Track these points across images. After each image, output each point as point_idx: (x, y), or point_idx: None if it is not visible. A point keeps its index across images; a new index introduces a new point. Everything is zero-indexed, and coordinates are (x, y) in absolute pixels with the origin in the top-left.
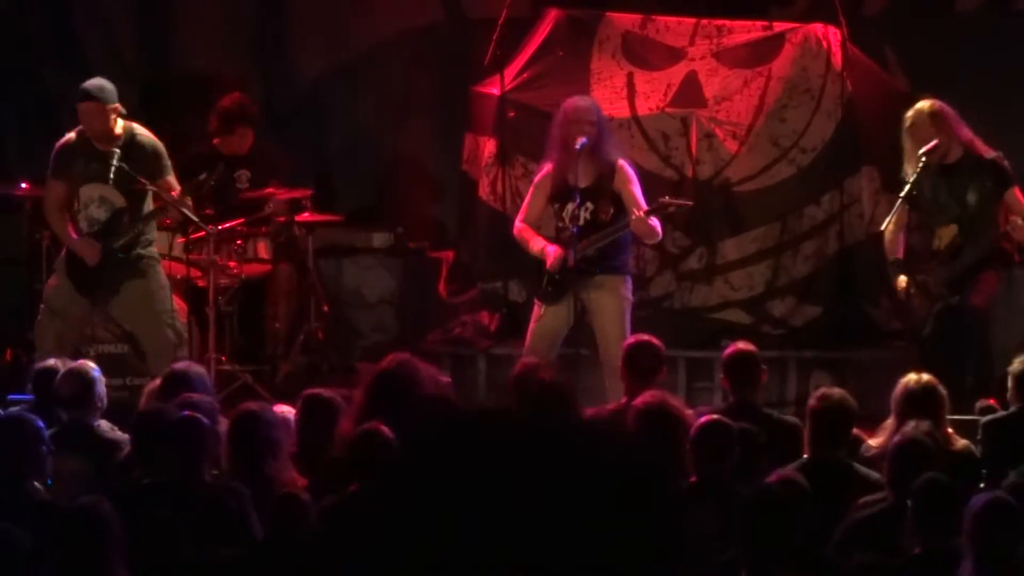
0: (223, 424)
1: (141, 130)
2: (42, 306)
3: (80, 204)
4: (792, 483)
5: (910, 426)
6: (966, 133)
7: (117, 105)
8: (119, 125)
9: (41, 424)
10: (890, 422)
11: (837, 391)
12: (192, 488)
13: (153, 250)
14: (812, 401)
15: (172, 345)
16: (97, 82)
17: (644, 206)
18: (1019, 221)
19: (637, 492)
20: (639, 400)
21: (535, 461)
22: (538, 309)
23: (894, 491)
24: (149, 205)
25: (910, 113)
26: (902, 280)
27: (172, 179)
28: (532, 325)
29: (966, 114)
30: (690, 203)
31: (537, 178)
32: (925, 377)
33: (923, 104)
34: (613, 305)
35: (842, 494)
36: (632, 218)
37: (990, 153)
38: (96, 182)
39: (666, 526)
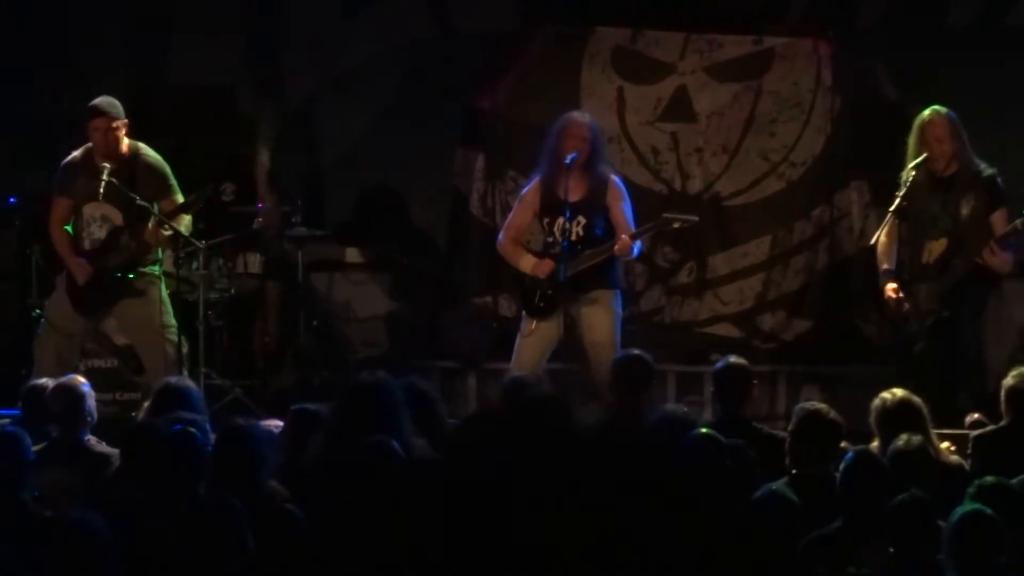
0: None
1: (146, 149)
2: (43, 320)
3: (84, 223)
4: (781, 497)
5: (902, 440)
6: (968, 148)
7: (126, 121)
8: (124, 143)
9: (24, 434)
10: (876, 444)
11: (818, 404)
12: (186, 502)
13: (155, 267)
14: (794, 417)
15: (171, 361)
16: (106, 99)
17: (632, 226)
18: (995, 248)
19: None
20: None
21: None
22: (528, 324)
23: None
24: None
25: (927, 112)
26: (891, 287)
27: (178, 197)
28: (521, 340)
29: None
30: (695, 219)
31: (524, 191)
32: (899, 392)
33: (941, 107)
34: (605, 320)
35: (830, 508)
36: (616, 244)
37: (988, 170)
38: (98, 201)
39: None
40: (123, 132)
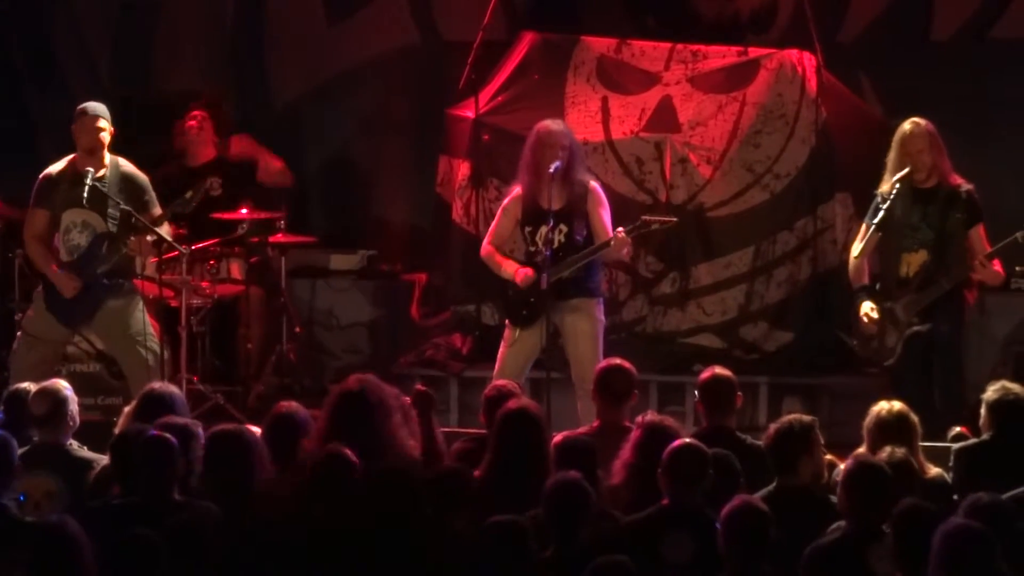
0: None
1: (126, 163)
2: (19, 334)
3: (61, 230)
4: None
5: (885, 453)
6: (947, 161)
7: (110, 127)
8: (107, 156)
9: (12, 439)
10: (862, 450)
11: (787, 418)
12: (162, 508)
13: (134, 275)
14: (767, 432)
15: (148, 366)
16: (93, 103)
17: (611, 230)
18: (984, 261)
19: None
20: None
21: None
22: (511, 333)
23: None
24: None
25: (907, 125)
26: (866, 306)
27: (156, 211)
28: (504, 349)
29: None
30: (674, 220)
31: (506, 201)
32: (897, 405)
33: (920, 120)
34: (588, 328)
35: (809, 521)
36: (615, 238)
37: (966, 185)
38: (79, 207)
39: None
40: (108, 138)
